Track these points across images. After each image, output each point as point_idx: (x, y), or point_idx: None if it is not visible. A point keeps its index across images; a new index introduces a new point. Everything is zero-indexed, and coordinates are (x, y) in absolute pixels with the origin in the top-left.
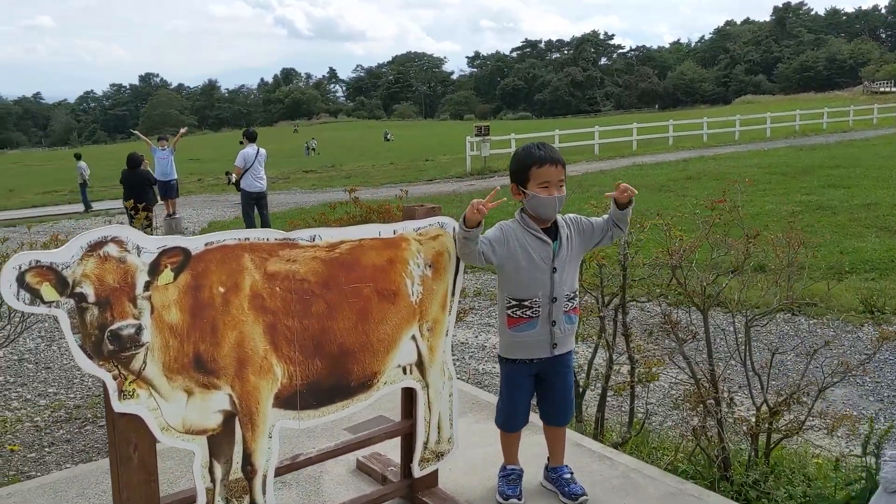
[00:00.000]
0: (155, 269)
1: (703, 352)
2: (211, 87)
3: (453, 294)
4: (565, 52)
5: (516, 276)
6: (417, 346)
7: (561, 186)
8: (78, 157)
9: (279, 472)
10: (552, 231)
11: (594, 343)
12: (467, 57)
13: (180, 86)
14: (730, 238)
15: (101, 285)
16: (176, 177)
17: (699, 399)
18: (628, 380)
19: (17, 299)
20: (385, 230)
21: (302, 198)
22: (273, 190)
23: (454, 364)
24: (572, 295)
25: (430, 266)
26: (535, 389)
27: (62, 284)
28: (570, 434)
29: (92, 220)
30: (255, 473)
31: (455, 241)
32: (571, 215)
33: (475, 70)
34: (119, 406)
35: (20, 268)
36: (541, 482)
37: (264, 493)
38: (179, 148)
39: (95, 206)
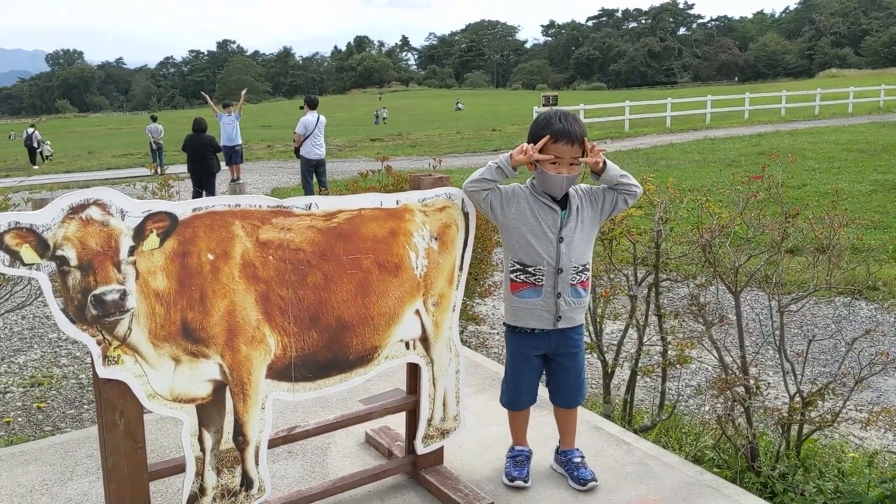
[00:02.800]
0: (140, 234)
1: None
2: (286, 54)
3: (461, 269)
4: (643, 21)
5: (523, 241)
6: (422, 321)
7: (573, 165)
8: (154, 118)
9: (274, 443)
10: (563, 200)
11: (625, 323)
12: (542, 26)
13: (256, 53)
14: (768, 216)
15: (83, 249)
16: (241, 142)
17: (725, 385)
18: (660, 362)
19: None
20: (387, 200)
21: (365, 165)
22: (339, 157)
23: (495, 337)
24: (581, 268)
25: (436, 239)
26: (543, 368)
27: (42, 247)
28: (590, 416)
29: (161, 184)
30: (248, 444)
31: (480, 173)
32: (584, 185)
33: (549, 39)
34: (103, 372)
35: None
36: (551, 465)
37: (257, 463)
38: (252, 114)
39: (170, 169)
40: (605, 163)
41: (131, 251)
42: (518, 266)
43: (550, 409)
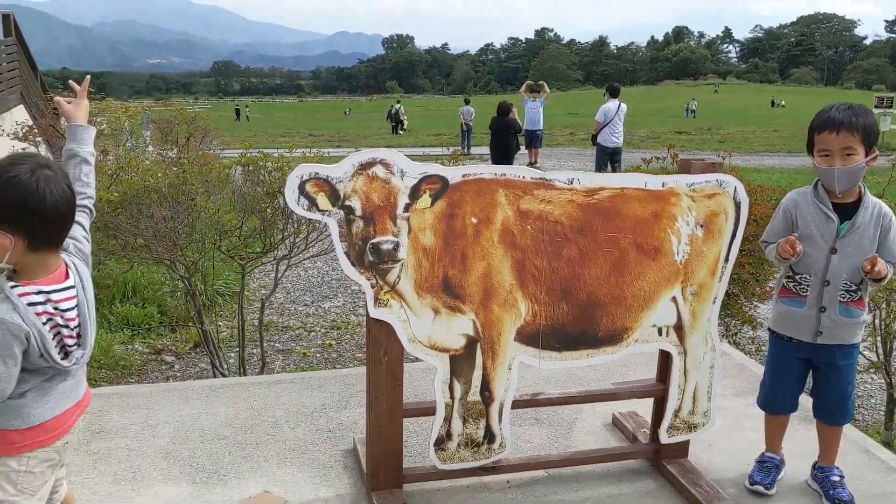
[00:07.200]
0: (415, 193)
1: None
2: (601, 43)
3: (727, 260)
4: None
5: None
6: (678, 309)
7: (848, 156)
8: (467, 101)
9: (518, 404)
10: (850, 208)
11: None
12: (886, 21)
13: (571, 41)
14: None
15: (367, 201)
16: (542, 127)
17: None
18: None
19: (297, 204)
20: (653, 181)
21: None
22: (640, 148)
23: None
24: (853, 287)
25: (701, 226)
26: (805, 375)
27: (335, 196)
28: (861, 438)
29: (467, 162)
30: (493, 400)
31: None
32: (884, 208)
33: (894, 35)
34: (374, 312)
35: (301, 177)
36: (807, 480)
37: (500, 420)
38: (560, 102)
39: (474, 150)
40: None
41: (406, 208)
42: (790, 271)
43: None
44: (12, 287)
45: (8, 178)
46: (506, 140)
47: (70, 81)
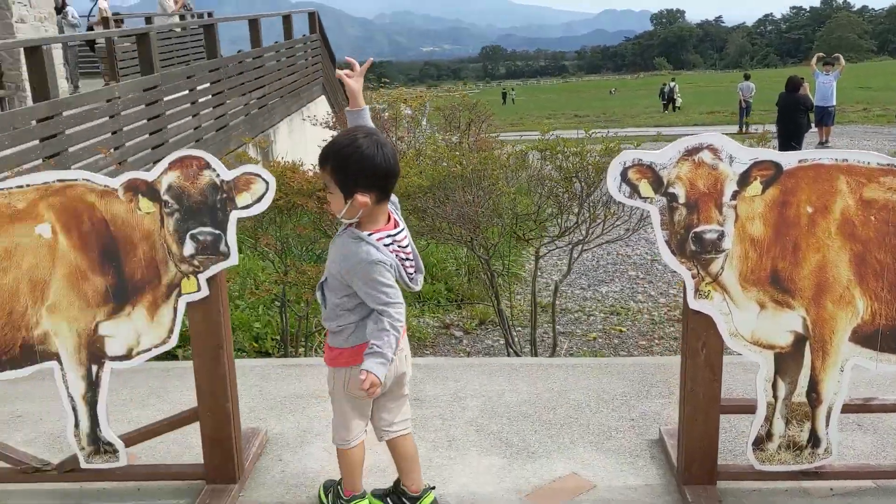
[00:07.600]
0: (744, 180)
1: None
2: None
3: None
4: None
5: None
6: None
7: None
8: (746, 76)
9: (848, 409)
10: None
11: None
12: None
13: (863, 8)
14: None
15: (691, 188)
16: (834, 103)
17: None
18: None
19: (619, 191)
20: None
21: None
22: None
23: None
24: None
25: None
26: None
27: (657, 183)
28: None
29: (744, 141)
30: (820, 403)
31: None
32: None
33: None
34: (693, 303)
35: (624, 164)
36: None
37: (827, 425)
38: (851, 75)
39: (753, 128)
40: None
41: (734, 195)
42: None
43: None
44: (369, 235)
45: (359, 153)
46: (795, 117)
47: (347, 58)
